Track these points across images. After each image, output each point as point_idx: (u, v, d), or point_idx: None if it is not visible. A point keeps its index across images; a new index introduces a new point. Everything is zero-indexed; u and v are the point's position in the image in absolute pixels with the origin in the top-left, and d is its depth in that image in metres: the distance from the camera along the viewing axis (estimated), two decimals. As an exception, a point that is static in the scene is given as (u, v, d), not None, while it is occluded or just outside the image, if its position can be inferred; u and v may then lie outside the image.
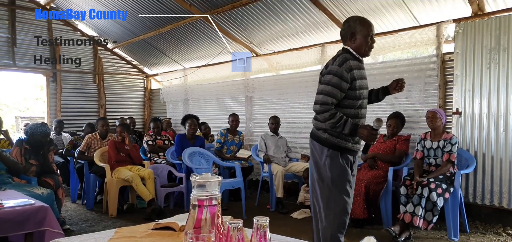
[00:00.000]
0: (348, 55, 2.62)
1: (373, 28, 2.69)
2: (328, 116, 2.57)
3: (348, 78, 2.56)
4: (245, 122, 7.06)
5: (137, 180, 4.90)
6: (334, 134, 2.65)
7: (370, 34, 2.64)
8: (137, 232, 1.68)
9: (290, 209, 5.13)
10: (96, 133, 5.76)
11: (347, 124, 2.56)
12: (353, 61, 2.61)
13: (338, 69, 2.56)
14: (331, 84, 2.56)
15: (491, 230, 4.22)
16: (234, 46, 6.94)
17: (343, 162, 2.66)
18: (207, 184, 1.26)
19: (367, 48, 2.65)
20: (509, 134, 4.23)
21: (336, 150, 2.66)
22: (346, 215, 2.69)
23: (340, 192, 2.67)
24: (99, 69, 8.87)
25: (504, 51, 4.22)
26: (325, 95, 2.58)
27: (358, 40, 2.63)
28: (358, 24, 2.64)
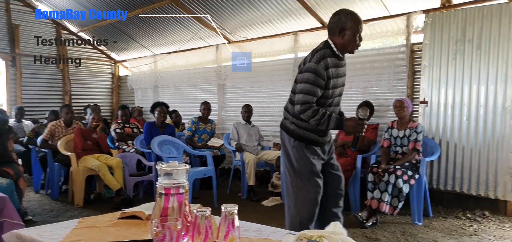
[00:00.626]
0: (327, 52, 2.54)
1: (362, 27, 2.60)
2: (311, 114, 2.51)
3: (324, 76, 2.50)
4: (217, 110, 7.00)
5: (104, 169, 4.78)
6: (300, 125, 2.63)
7: (359, 32, 2.55)
8: (102, 221, 1.63)
9: (262, 196, 5.16)
10: (60, 121, 5.56)
11: (331, 119, 2.53)
12: (331, 58, 2.54)
13: (315, 66, 2.49)
14: (310, 82, 2.50)
15: (452, 214, 4.38)
16: (205, 32, 6.84)
17: (308, 153, 2.64)
18: (174, 173, 1.22)
19: (354, 46, 2.57)
20: (471, 123, 4.39)
21: (301, 141, 2.65)
22: (314, 204, 2.67)
23: (307, 182, 2.66)
24: (63, 54, 8.49)
25: (469, 42, 4.35)
26: (305, 95, 2.51)
27: (346, 36, 2.52)
28: (350, 19, 2.52)
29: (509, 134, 4.16)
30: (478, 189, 4.37)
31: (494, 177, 4.27)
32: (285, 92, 6.08)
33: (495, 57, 4.20)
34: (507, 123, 4.16)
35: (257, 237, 1.43)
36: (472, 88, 4.36)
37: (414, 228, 3.92)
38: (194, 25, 6.75)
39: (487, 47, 4.24)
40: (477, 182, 4.38)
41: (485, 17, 4.24)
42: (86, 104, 7.94)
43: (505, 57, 4.13)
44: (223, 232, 1.21)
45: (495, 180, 4.26)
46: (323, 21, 5.59)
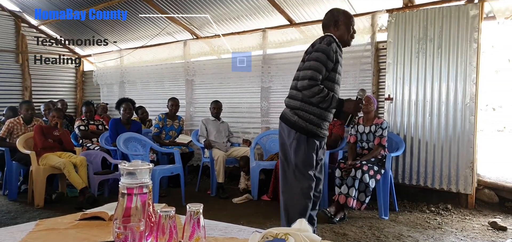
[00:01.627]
0: (332, 39, 2.73)
1: (354, 21, 2.87)
2: (317, 91, 2.63)
3: (334, 58, 2.67)
4: (185, 106, 6.92)
5: (70, 167, 4.61)
6: (304, 117, 2.71)
7: (352, 25, 2.81)
8: (61, 223, 1.56)
9: (231, 193, 5.14)
10: (19, 118, 5.33)
11: (334, 99, 2.68)
12: (337, 46, 2.75)
13: (326, 47, 2.65)
14: (320, 60, 2.64)
15: (417, 208, 4.53)
16: (173, 27, 6.73)
17: (309, 146, 2.73)
18: (137, 172, 1.19)
19: (349, 37, 2.81)
20: (434, 119, 4.54)
21: (303, 134, 2.72)
22: (308, 198, 2.75)
23: (303, 175, 2.73)
24: (22, 48, 8.13)
25: (431, 41, 4.50)
26: (314, 71, 2.64)
27: (341, 29, 2.77)
28: (342, 14, 2.81)
29: (468, 129, 4.33)
30: (441, 183, 4.53)
31: (455, 171, 4.44)
32: (254, 88, 6.15)
33: (454, 56, 4.36)
34: (466, 119, 4.33)
35: (223, 236, 1.42)
36: (434, 85, 4.52)
37: (381, 222, 4.01)
38: (161, 21, 6.63)
39: (447, 46, 4.40)
40: (440, 177, 4.54)
41: (444, 18, 4.40)
42: (49, 100, 7.63)
43: (464, 56, 4.30)
44: (188, 232, 1.19)
45: (457, 174, 4.43)
46: (290, 19, 5.62)
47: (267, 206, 4.64)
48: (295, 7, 5.40)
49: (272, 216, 4.16)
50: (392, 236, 3.60)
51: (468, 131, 4.33)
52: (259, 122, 6.08)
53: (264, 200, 4.83)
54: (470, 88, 4.29)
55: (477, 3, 4.24)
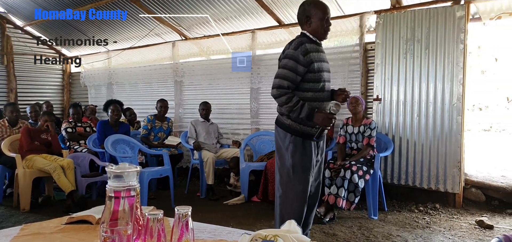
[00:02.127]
0: (304, 39, 2.60)
1: (329, 10, 2.64)
2: (285, 100, 2.54)
3: (304, 61, 2.53)
4: (174, 108, 6.88)
5: (59, 170, 4.53)
6: (297, 120, 2.61)
7: (325, 17, 2.60)
8: (47, 227, 1.53)
9: (221, 195, 5.12)
10: (4, 120, 5.24)
11: (303, 108, 2.53)
12: (310, 44, 2.58)
13: (293, 52, 2.54)
14: (287, 67, 2.54)
15: (406, 207, 4.57)
16: (161, 28, 6.69)
17: (306, 148, 2.64)
18: (124, 175, 1.17)
19: (323, 30, 2.62)
20: (422, 119, 4.59)
21: (299, 136, 2.62)
22: (303, 203, 2.66)
23: (299, 179, 2.64)
24: (7, 49, 7.99)
25: (418, 42, 4.54)
26: (281, 79, 2.56)
27: (313, 23, 2.60)
28: (313, 7, 2.61)
29: (456, 129, 4.38)
30: (429, 183, 4.57)
31: (443, 171, 4.48)
32: (243, 90, 6.14)
33: (441, 57, 4.41)
34: (454, 119, 4.38)
35: (212, 238, 1.41)
36: (422, 86, 4.56)
37: (370, 222, 4.03)
38: (149, 22, 6.58)
39: (435, 47, 4.45)
40: (428, 176, 4.58)
41: (432, 19, 4.45)
42: (35, 102, 7.52)
43: (450, 57, 4.35)
44: (177, 235, 1.17)
45: (445, 174, 4.48)
46: (280, 20, 5.63)
47: (257, 207, 4.63)
48: (283, 8, 5.41)
49: (262, 217, 4.16)
50: (382, 235, 3.62)
51: (455, 131, 4.38)
52: (249, 123, 6.07)
53: (254, 202, 4.82)
54: (457, 89, 4.34)
55: (463, 4, 4.30)
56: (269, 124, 5.88)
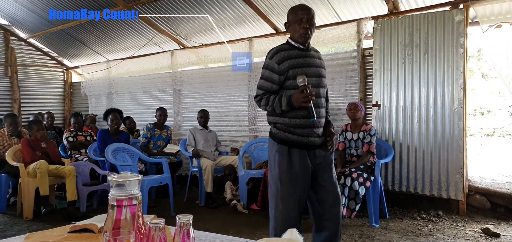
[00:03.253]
0: (284, 46, 2.54)
1: (304, 12, 2.51)
2: (264, 103, 2.54)
3: (279, 69, 2.47)
4: (173, 116, 6.89)
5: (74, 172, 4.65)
6: (281, 128, 2.54)
7: (297, 19, 2.49)
8: (51, 236, 1.54)
9: (220, 203, 5.11)
10: (4, 129, 5.27)
11: (282, 100, 2.45)
12: (289, 51, 2.50)
13: (268, 62, 2.52)
14: (263, 77, 2.55)
15: (408, 214, 4.52)
16: (160, 38, 6.72)
17: (292, 157, 2.51)
18: (126, 183, 1.18)
19: (298, 35, 2.50)
20: (422, 125, 4.57)
21: (284, 145, 2.54)
22: (292, 216, 2.53)
23: (287, 190, 2.53)
24: (11, 61, 8.08)
25: (417, 47, 4.55)
26: (258, 89, 2.60)
27: (291, 28, 2.55)
28: (290, 12, 2.58)
29: (458, 135, 4.34)
30: (432, 190, 4.53)
31: (446, 177, 4.43)
32: (241, 97, 6.16)
33: (441, 61, 4.41)
34: (455, 124, 4.36)
35: (213, 246, 1.41)
36: (422, 91, 4.55)
37: (372, 230, 4.00)
38: (148, 31, 6.62)
39: (434, 52, 4.45)
40: (430, 183, 4.54)
41: (430, 23, 4.45)
42: (37, 112, 7.56)
43: (450, 62, 4.35)
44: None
45: (447, 180, 4.43)
46: (276, 27, 5.67)
47: (256, 215, 4.62)
48: (280, 16, 5.44)
49: (261, 225, 4.14)
50: (383, 242, 3.60)
51: (457, 136, 4.35)
52: (247, 130, 6.08)
53: (253, 209, 4.81)
54: (458, 93, 4.32)
55: (461, 8, 4.30)
56: (267, 131, 5.77)
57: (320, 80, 2.57)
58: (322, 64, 2.63)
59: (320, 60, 2.63)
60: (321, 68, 2.60)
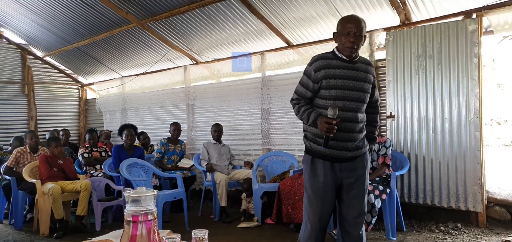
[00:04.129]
0: (328, 54, 2.56)
1: (353, 25, 2.48)
2: (295, 110, 2.64)
3: (315, 77, 2.50)
4: (186, 130, 6.94)
5: None
6: (308, 137, 2.60)
7: (345, 32, 2.48)
8: (66, 253, 1.55)
9: (235, 217, 5.09)
10: (26, 147, 5.36)
11: (310, 116, 2.48)
12: (330, 60, 2.51)
13: (307, 68, 2.57)
14: (300, 82, 2.62)
15: (425, 227, 4.44)
16: (173, 53, 6.81)
17: (315, 168, 2.54)
18: (142, 199, 1.19)
19: (343, 47, 2.49)
20: (438, 136, 4.51)
21: (309, 154, 2.59)
22: (313, 227, 2.56)
23: (309, 200, 2.59)
24: (28, 79, 8.28)
25: (430, 58, 4.51)
26: (294, 92, 2.67)
27: (338, 40, 2.55)
28: (339, 23, 2.58)
29: (474, 145, 4.27)
30: (449, 201, 4.45)
31: (463, 188, 4.35)
32: (254, 111, 6.17)
33: (455, 71, 4.36)
34: (472, 135, 4.29)
35: (229, 260, 1.41)
36: (436, 102, 4.50)
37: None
38: (161, 47, 6.71)
39: (447, 62, 4.41)
40: (447, 195, 4.46)
41: (443, 34, 4.42)
42: (53, 129, 7.71)
43: (464, 71, 4.30)
44: (194, 258, 1.18)
45: (465, 191, 4.34)
46: (288, 41, 5.69)
47: (271, 229, 4.59)
48: (292, 30, 5.47)
49: (276, 239, 4.11)
50: (400, 255, 3.54)
51: (474, 147, 4.28)
52: (260, 144, 6.08)
53: (268, 223, 4.78)
54: (474, 103, 4.26)
55: (475, 18, 4.26)
56: (280, 144, 5.88)
57: (353, 93, 2.51)
58: (366, 78, 2.54)
59: (366, 73, 2.55)
60: (363, 82, 2.53)
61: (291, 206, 4.32)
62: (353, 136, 2.52)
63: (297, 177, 4.56)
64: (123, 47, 7.10)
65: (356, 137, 2.53)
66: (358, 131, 2.54)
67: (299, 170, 4.89)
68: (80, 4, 5.92)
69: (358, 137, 2.54)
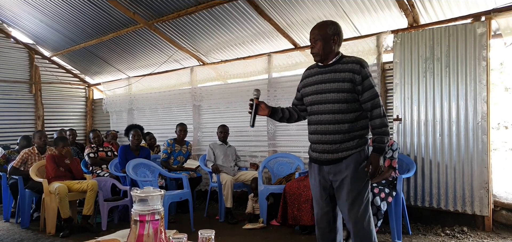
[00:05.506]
0: (313, 65, 2.71)
1: (310, 35, 2.60)
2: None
3: (299, 86, 2.75)
4: (192, 131, 6.95)
5: None
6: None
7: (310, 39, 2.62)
8: (73, 252, 1.56)
9: (240, 219, 5.09)
10: (33, 148, 5.39)
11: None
12: (311, 69, 2.69)
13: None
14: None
15: (431, 231, 4.42)
16: (180, 54, 6.83)
17: (310, 171, 2.72)
18: (149, 198, 1.19)
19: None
20: (445, 139, 4.48)
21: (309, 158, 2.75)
22: (318, 226, 2.72)
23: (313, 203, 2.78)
24: (35, 79, 8.34)
25: (438, 60, 4.49)
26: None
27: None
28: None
29: (481, 149, 4.24)
30: (456, 205, 4.42)
31: (470, 192, 4.33)
32: (261, 113, 6.15)
33: (463, 75, 4.33)
34: (479, 138, 4.26)
35: (235, 261, 1.40)
36: (444, 105, 4.47)
37: (394, 246, 3.91)
38: (168, 48, 6.74)
39: (455, 65, 4.38)
40: (454, 198, 4.43)
41: (451, 37, 4.39)
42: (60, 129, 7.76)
43: (472, 75, 4.27)
44: (200, 258, 1.18)
45: (471, 195, 4.32)
46: (295, 42, 5.68)
47: (276, 231, 4.59)
48: (299, 31, 5.47)
49: (281, 241, 4.11)
50: (406, 259, 3.51)
51: (481, 151, 4.25)
52: (266, 145, 6.07)
53: (273, 225, 4.78)
54: (481, 107, 4.23)
55: (484, 21, 4.23)
56: (286, 146, 5.87)
57: (326, 96, 2.52)
58: (345, 77, 2.47)
59: (346, 72, 2.48)
60: (338, 82, 2.48)
61: (297, 208, 4.31)
62: (333, 138, 2.51)
63: (303, 179, 4.55)
64: (130, 48, 7.14)
65: (337, 139, 2.50)
66: (339, 132, 2.49)
67: (305, 172, 4.88)
68: (88, 4, 5.97)
69: (339, 138, 2.50)
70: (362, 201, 2.50)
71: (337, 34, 2.57)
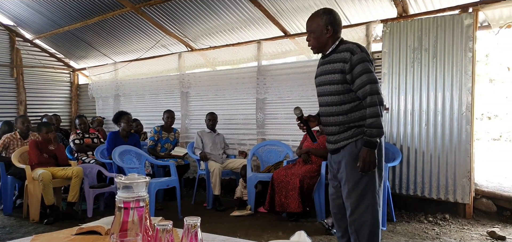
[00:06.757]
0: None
1: (306, 24, 2.62)
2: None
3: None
4: (180, 119, 6.90)
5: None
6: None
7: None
8: (57, 238, 1.54)
9: (228, 206, 5.10)
10: (16, 133, 5.29)
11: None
12: (319, 60, 2.66)
13: None
14: None
15: (415, 218, 4.51)
16: (167, 39, 6.74)
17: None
18: (134, 185, 1.17)
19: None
20: (430, 129, 4.54)
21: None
22: (331, 210, 2.78)
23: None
24: (17, 62, 8.12)
25: (425, 51, 4.52)
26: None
27: None
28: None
29: (465, 139, 4.32)
30: (439, 193, 4.51)
31: (453, 181, 4.42)
32: (249, 100, 6.15)
33: (450, 65, 4.38)
34: (463, 128, 4.33)
35: (221, 249, 1.40)
36: (430, 95, 4.52)
37: (378, 232, 3.98)
38: (155, 33, 6.64)
39: (443, 55, 4.42)
40: (437, 186, 4.52)
41: (439, 27, 4.42)
42: (43, 114, 7.61)
43: (459, 65, 4.32)
44: (186, 246, 1.16)
45: (454, 184, 4.41)
46: (285, 30, 5.65)
47: (263, 218, 4.61)
48: (289, 19, 5.43)
49: (269, 228, 4.13)
50: (391, 246, 3.58)
51: (464, 140, 4.33)
52: (255, 133, 6.07)
53: (260, 212, 4.80)
54: (466, 98, 4.29)
55: (471, 12, 4.27)
56: (274, 134, 5.88)
57: (324, 88, 2.54)
58: (335, 68, 2.43)
59: (336, 62, 2.44)
60: (330, 74, 2.46)
61: (284, 195, 4.33)
62: (332, 129, 2.56)
63: (291, 167, 4.56)
64: (116, 32, 7.01)
65: (335, 130, 2.54)
66: (336, 124, 2.52)
67: (293, 160, 4.89)
68: (73, -13, 5.82)
69: (336, 130, 2.52)
70: (359, 191, 2.47)
71: (330, 23, 2.48)
